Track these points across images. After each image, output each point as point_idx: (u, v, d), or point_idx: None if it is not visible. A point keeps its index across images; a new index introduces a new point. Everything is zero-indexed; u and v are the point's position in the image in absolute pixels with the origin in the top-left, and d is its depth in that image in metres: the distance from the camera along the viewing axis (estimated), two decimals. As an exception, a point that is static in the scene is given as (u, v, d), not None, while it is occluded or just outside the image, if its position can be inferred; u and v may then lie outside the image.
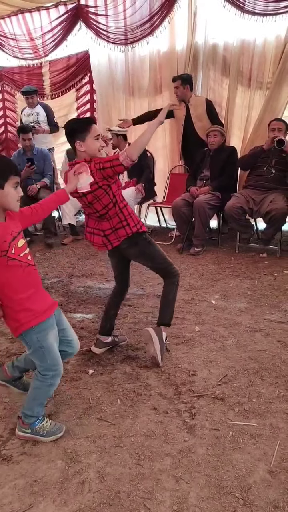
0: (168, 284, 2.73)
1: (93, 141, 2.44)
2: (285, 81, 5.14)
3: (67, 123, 2.54)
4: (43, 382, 1.98)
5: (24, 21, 6.50)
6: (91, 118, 2.52)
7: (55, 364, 1.96)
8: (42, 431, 2.01)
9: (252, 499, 1.66)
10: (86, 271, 4.45)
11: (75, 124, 2.51)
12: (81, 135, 2.42)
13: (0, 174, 1.76)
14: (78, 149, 2.45)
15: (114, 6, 5.88)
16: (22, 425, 2.02)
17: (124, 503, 1.66)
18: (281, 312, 3.31)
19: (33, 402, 2.01)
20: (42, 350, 1.92)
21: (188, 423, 2.11)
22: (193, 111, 5.33)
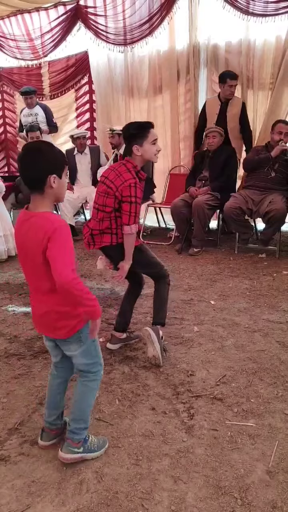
0: (160, 284, 2.74)
1: (150, 146, 2.51)
2: (286, 81, 5.15)
3: (126, 127, 2.58)
4: (95, 380, 1.88)
5: (23, 22, 6.50)
6: (150, 123, 2.55)
7: (101, 356, 1.90)
8: (93, 446, 1.89)
9: (250, 499, 1.66)
10: (85, 272, 4.45)
11: (134, 129, 2.53)
12: (140, 139, 2.48)
13: (61, 163, 1.72)
14: (135, 153, 2.52)
15: (113, 6, 5.89)
16: (74, 444, 1.84)
17: (122, 503, 1.65)
18: (279, 313, 3.31)
19: (87, 409, 1.89)
20: (94, 343, 1.84)
21: (187, 423, 2.11)
22: (230, 110, 5.22)
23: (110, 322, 3.26)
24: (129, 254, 2.59)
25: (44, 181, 1.65)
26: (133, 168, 2.53)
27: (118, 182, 2.50)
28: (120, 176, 2.51)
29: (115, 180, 2.51)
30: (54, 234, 1.59)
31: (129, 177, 2.48)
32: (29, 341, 2.99)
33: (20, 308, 3.54)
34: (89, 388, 1.89)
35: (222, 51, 5.49)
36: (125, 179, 2.48)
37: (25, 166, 1.68)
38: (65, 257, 1.59)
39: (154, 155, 2.56)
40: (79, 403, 1.89)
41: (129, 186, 2.46)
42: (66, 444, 1.86)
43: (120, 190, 2.49)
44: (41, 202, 1.69)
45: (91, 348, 1.83)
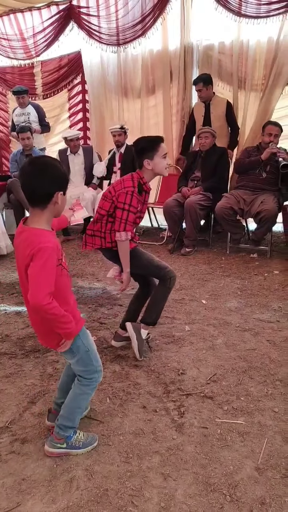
0: (160, 285, 2.75)
1: (160, 159, 2.56)
2: (276, 83, 5.18)
3: (136, 141, 2.63)
4: (89, 386, 1.91)
5: (16, 21, 6.48)
6: (160, 137, 2.60)
7: (99, 363, 1.92)
8: (78, 443, 1.93)
9: (239, 496, 1.68)
10: (78, 271, 4.45)
11: (145, 142, 2.58)
12: (150, 154, 2.53)
13: (65, 182, 1.73)
14: (146, 167, 2.56)
15: (106, 7, 5.89)
16: (57, 440, 1.90)
17: (112, 501, 1.66)
18: (270, 312, 3.34)
19: (76, 410, 1.93)
20: (88, 353, 1.86)
21: (177, 421, 2.12)
22: (213, 110, 5.31)
23: (102, 321, 3.27)
24: (125, 263, 2.61)
25: (50, 197, 1.65)
26: (138, 179, 2.57)
27: (118, 187, 2.57)
28: (122, 182, 2.58)
29: (117, 186, 2.59)
30: (37, 254, 1.59)
31: (129, 185, 2.53)
32: (20, 340, 2.99)
33: (11, 307, 3.54)
34: (81, 391, 1.91)
35: (215, 52, 5.51)
36: (125, 186, 2.54)
37: (31, 179, 1.65)
38: (40, 280, 1.59)
39: (165, 168, 2.61)
40: (70, 402, 1.92)
41: (126, 193, 2.51)
42: (50, 438, 1.93)
43: (117, 195, 2.54)
44: (39, 217, 1.68)
45: (84, 357, 1.86)
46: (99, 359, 1.93)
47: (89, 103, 6.55)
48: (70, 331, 1.71)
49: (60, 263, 1.71)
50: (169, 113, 5.94)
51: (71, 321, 1.70)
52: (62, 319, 1.65)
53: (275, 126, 4.67)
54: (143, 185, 2.59)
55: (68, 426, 1.91)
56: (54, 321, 1.66)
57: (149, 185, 2.64)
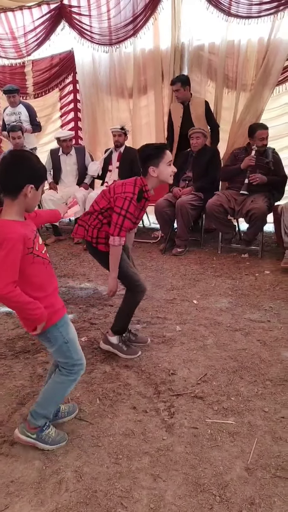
0: (128, 296, 2.73)
1: (165, 167, 2.53)
2: (266, 83, 5.19)
3: (141, 148, 2.59)
4: (68, 376, 1.93)
5: (7, 20, 6.44)
6: (165, 144, 2.59)
7: (80, 357, 1.94)
8: (47, 438, 1.93)
9: (229, 496, 1.67)
10: (68, 271, 4.43)
11: (151, 150, 2.54)
12: (155, 161, 2.50)
13: (42, 176, 1.78)
14: (151, 174, 2.53)
15: (98, 6, 5.87)
16: (28, 428, 1.92)
17: (101, 502, 1.65)
18: (261, 312, 3.34)
19: (51, 399, 1.94)
20: (67, 345, 1.87)
21: (167, 421, 2.11)
22: (193, 111, 5.30)
23: (92, 322, 3.25)
24: (113, 267, 2.59)
25: (20, 189, 1.69)
26: (141, 185, 2.54)
27: (118, 190, 2.54)
28: (123, 185, 2.54)
29: (117, 187, 2.56)
30: (1, 245, 1.63)
31: (129, 190, 2.50)
32: (10, 341, 2.97)
33: (1, 307, 3.51)
34: (60, 379, 1.93)
35: (205, 52, 5.51)
36: (125, 191, 2.50)
37: (6, 169, 1.70)
38: (1, 270, 1.63)
39: (170, 176, 2.58)
40: (47, 390, 1.96)
41: (124, 198, 2.48)
42: (23, 425, 1.95)
43: (115, 197, 2.52)
44: (9, 208, 1.72)
45: (63, 349, 1.88)
46: (80, 352, 1.94)
47: (81, 102, 6.53)
48: (37, 317, 1.73)
49: (31, 251, 1.73)
50: (160, 113, 5.93)
51: (39, 307, 1.72)
52: (27, 305, 1.69)
53: (266, 130, 4.67)
54: (144, 193, 2.55)
55: (40, 414, 1.92)
56: (19, 308, 1.73)
57: (151, 193, 2.60)
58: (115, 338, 2.76)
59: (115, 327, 2.78)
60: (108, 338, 2.78)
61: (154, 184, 2.59)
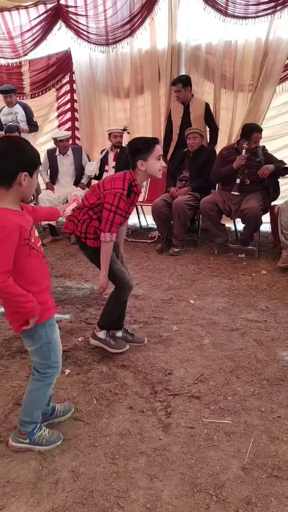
0: (114, 293, 2.75)
1: (154, 161, 2.52)
2: (267, 84, 5.20)
3: (131, 142, 2.58)
4: (43, 381, 1.91)
5: (3, 20, 6.43)
6: (155, 138, 2.57)
7: (58, 360, 1.92)
8: (41, 440, 1.93)
9: (225, 496, 1.67)
10: (65, 272, 4.42)
11: (139, 144, 2.53)
12: (144, 155, 2.49)
13: (35, 162, 1.72)
14: (139, 167, 2.51)
15: (94, 6, 5.86)
16: (20, 435, 1.92)
17: (98, 502, 1.65)
18: (257, 312, 3.35)
19: (32, 405, 1.93)
20: (48, 345, 1.85)
21: (164, 421, 2.11)
22: (192, 111, 5.30)
23: (89, 322, 3.25)
24: (104, 264, 2.59)
25: (14, 176, 1.64)
26: (130, 180, 2.53)
27: (108, 186, 2.52)
28: (113, 181, 2.52)
29: (107, 183, 2.55)
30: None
31: (119, 186, 2.49)
32: (7, 341, 2.96)
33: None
34: (35, 386, 1.92)
35: (202, 52, 5.52)
36: (114, 187, 2.49)
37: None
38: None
39: (159, 170, 2.56)
40: (25, 397, 1.94)
41: (114, 194, 2.47)
42: (14, 432, 1.95)
43: (105, 193, 2.51)
44: (4, 196, 1.67)
45: (43, 349, 1.85)
46: (59, 356, 1.92)
47: (78, 102, 6.52)
48: (29, 310, 1.70)
49: (28, 243, 1.70)
50: (157, 113, 5.94)
51: (31, 300, 1.69)
52: (19, 297, 1.66)
53: (260, 133, 4.67)
54: (133, 187, 2.55)
55: (27, 421, 1.92)
56: (10, 300, 1.68)
57: (140, 187, 2.61)
58: (102, 333, 2.79)
59: (101, 322, 2.80)
60: (96, 333, 2.80)
61: (143, 179, 2.59)
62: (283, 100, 5.48)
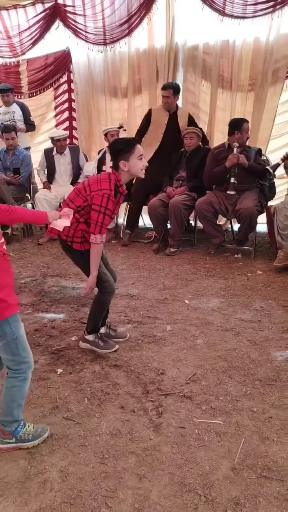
0: (98, 296, 2.77)
1: (136, 161, 2.55)
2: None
3: (112, 143, 2.63)
4: (17, 377, 1.91)
5: (1, 19, 6.41)
6: (135, 139, 2.61)
7: (27, 355, 1.92)
8: (27, 436, 1.93)
9: (214, 496, 1.67)
10: (61, 271, 4.42)
11: (120, 145, 2.56)
12: (125, 155, 2.52)
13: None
14: (122, 168, 2.54)
15: (92, 6, 5.85)
16: (4, 435, 1.93)
17: (86, 502, 1.64)
18: (252, 312, 3.34)
19: (11, 404, 1.93)
20: (15, 341, 1.86)
21: (155, 421, 2.11)
22: (180, 120, 5.29)
23: (83, 321, 3.24)
24: (94, 266, 2.59)
25: None
26: (115, 181, 2.54)
27: (94, 187, 2.53)
28: (98, 182, 2.53)
29: (92, 185, 2.55)
30: None
31: (105, 187, 2.50)
32: None
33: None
34: (10, 384, 1.92)
35: (200, 52, 5.51)
36: (101, 188, 2.50)
37: None
38: None
39: (141, 170, 2.59)
40: (3, 397, 1.94)
41: (102, 195, 2.48)
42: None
43: (92, 195, 2.51)
44: None
45: (11, 345, 1.87)
46: (28, 350, 1.93)
47: (76, 102, 6.51)
48: None
49: None
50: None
51: None
52: None
53: (248, 123, 4.68)
54: (119, 187, 2.57)
55: (10, 421, 1.93)
56: None
57: (125, 187, 2.61)
58: (91, 336, 2.81)
59: (89, 327, 2.82)
60: (85, 337, 2.82)
61: (126, 179, 2.61)
62: (283, 99, 5.46)
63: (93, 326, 2.81)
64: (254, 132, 5.28)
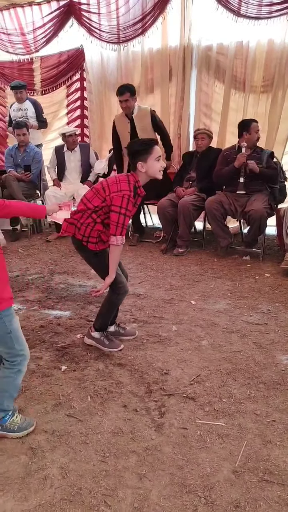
0: (110, 296, 2.75)
1: (154, 162, 2.55)
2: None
3: (130, 144, 2.62)
4: (12, 368, 1.94)
5: (16, 16, 6.44)
6: (154, 140, 2.60)
7: (23, 348, 1.95)
8: (13, 426, 1.98)
9: (214, 498, 1.66)
10: (68, 268, 4.43)
11: (138, 146, 2.57)
12: (143, 156, 2.52)
13: None
14: (140, 169, 2.55)
15: (107, 4, 5.85)
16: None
17: (85, 500, 1.64)
18: (259, 314, 3.32)
19: (2, 394, 1.97)
20: (9, 335, 1.90)
21: (157, 421, 2.10)
22: (138, 124, 5.13)
23: (89, 319, 3.24)
24: (112, 267, 2.58)
25: None
26: (134, 182, 2.55)
27: (114, 188, 2.52)
28: (118, 183, 2.53)
29: (112, 185, 2.54)
30: None
31: (125, 188, 2.50)
32: None
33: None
34: (4, 373, 1.96)
35: (214, 52, 5.49)
36: (121, 189, 2.50)
37: None
38: None
39: (158, 171, 2.59)
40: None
41: (122, 196, 2.48)
42: None
43: (111, 196, 2.50)
44: None
45: (5, 339, 1.90)
46: (24, 343, 1.95)
47: (89, 100, 6.52)
48: None
49: None
50: (166, 113, 5.91)
51: None
52: None
53: (257, 123, 4.63)
54: (137, 189, 2.57)
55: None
56: None
57: (143, 189, 2.62)
58: (97, 333, 2.81)
59: (97, 325, 2.82)
60: (91, 333, 2.82)
61: (144, 180, 2.61)
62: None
63: (101, 324, 2.81)
64: (271, 134, 5.25)
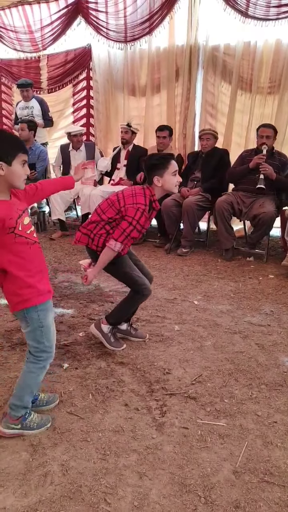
0: (132, 295, 2.75)
1: (170, 177, 2.54)
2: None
3: (147, 158, 2.62)
4: (36, 363, 1.94)
5: (24, 13, 6.46)
6: (171, 154, 2.61)
7: (51, 345, 1.96)
8: (32, 424, 1.97)
9: (214, 498, 1.65)
10: (72, 267, 4.43)
11: (156, 160, 2.56)
12: (160, 171, 2.52)
13: (9, 150, 1.74)
14: (156, 183, 2.54)
15: (115, 3, 5.86)
16: (11, 421, 1.94)
17: (85, 497, 1.64)
18: (261, 315, 3.31)
19: (24, 389, 1.96)
20: (41, 329, 1.89)
21: (158, 420, 2.10)
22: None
23: (92, 317, 3.24)
24: (100, 265, 2.59)
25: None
26: (150, 196, 2.55)
27: (129, 200, 2.52)
28: (134, 196, 2.53)
29: (127, 198, 2.54)
30: None
31: (141, 201, 2.50)
32: (8, 333, 2.97)
33: (1, 300, 3.52)
34: (28, 368, 1.96)
35: (220, 53, 5.48)
36: (136, 202, 2.50)
37: None
38: None
39: (175, 186, 2.58)
40: (19, 380, 1.98)
41: (137, 209, 2.48)
42: (5, 419, 1.97)
43: (126, 208, 2.51)
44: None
45: (36, 333, 1.90)
46: (52, 340, 1.96)
47: (95, 99, 6.52)
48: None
49: (13, 231, 1.76)
50: (172, 113, 5.91)
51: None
52: None
53: (268, 128, 4.60)
54: (153, 203, 2.57)
55: (18, 406, 1.95)
56: None
57: (158, 203, 2.62)
58: (107, 327, 2.78)
59: (111, 318, 2.79)
60: (101, 325, 2.78)
61: (159, 194, 2.60)
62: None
63: (116, 319, 2.78)
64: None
